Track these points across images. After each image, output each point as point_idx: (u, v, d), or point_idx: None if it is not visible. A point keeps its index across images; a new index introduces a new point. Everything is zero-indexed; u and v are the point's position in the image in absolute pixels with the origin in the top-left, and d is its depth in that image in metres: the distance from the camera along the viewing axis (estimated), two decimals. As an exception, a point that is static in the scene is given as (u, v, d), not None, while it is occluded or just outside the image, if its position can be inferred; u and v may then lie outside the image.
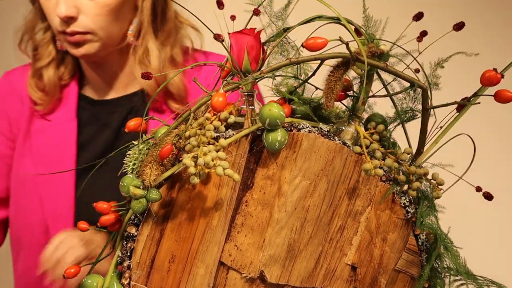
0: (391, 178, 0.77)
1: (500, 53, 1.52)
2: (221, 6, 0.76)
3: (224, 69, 0.77)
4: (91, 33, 1.08)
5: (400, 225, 0.78)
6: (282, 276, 0.76)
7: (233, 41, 0.74)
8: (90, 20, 1.06)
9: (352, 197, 0.76)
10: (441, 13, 1.38)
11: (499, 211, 1.53)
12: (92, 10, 1.06)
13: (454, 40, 0.82)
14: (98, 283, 0.73)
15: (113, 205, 0.73)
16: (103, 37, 1.09)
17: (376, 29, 0.76)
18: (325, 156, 0.74)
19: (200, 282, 0.73)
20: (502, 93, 0.69)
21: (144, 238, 0.71)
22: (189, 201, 0.72)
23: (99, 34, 1.08)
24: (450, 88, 0.82)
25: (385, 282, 0.79)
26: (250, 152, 0.73)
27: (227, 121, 0.72)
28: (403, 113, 0.79)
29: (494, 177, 1.36)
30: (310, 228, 0.75)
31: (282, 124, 0.70)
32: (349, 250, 0.78)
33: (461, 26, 0.73)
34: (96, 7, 1.06)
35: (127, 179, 0.70)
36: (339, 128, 0.79)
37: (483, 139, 0.86)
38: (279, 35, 0.77)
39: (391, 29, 0.77)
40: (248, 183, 0.74)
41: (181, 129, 0.71)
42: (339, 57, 0.70)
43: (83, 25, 1.07)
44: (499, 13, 1.63)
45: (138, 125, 0.74)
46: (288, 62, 0.70)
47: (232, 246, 0.74)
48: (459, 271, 0.76)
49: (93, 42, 1.09)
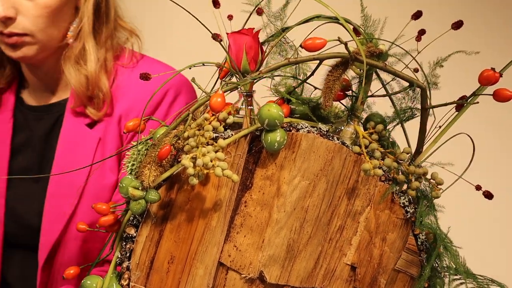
0: (390, 178, 0.77)
1: (499, 52, 1.52)
2: (217, 5, 0.76)
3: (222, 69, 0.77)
4: (29, 35, 1.03)
5: (399, 225, 0.78)
6: (282, 276, 0.76)
7: (232, 41, 0.74)
8: (29, 22, 1.02)
9: (352, 197, 0.76)
10: (440, 12, 1.38)
11: (499, 210, 1.53)
12: (31, 12, 1.01)
13: (453, 39, 0.82)
14: (97, 284, 0.73)
15: (114, 205, 0.73)
16: (42, 39, 1.05)
17: (374, 29, 0.76)
18: (324, 156, 0.74)
19: (200, 283, 0.73)
20: (501, 92, 0.69)
21: (143, 239, 0.71)
22: (188, 202, 0.72)
23: (38, 36, 1.04)
24: (449, 88, 0.82)
25: (385, 282, 0.79)
26: (249, 153, 0.73)
27: (226, 122, 0.72)
28: (402, 112, 0.79)
29: (494, 176, 1.36)
30: (309, 228, 0.75)
31: (281, 124, 0.70)
32: (348, 250, 0.78)
33: (460, 25, 0.73)
34: (36, 9, 1.02)
35: (126, 180, 0.70)
36: (338, 128, 0.78)
37: (482, 138, 0.86)
38: (278, 35, 0.77)
39: (390, 28, 0.76)
40: (247, 184, 0.74)
41: (180, 129, 0.71)
42: (337, 57, 0.70)
43: (22, 27, 1.02)
44: (498, 12, 1.63)
45: (136, 126, 0.74)
46: (287, 62, 0.70)
47: (231, 247, 0.74)
48: (458, 270, 0.75)
49: (31, 44, 1.04)
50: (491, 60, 0.86)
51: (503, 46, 1.60)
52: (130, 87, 1.10)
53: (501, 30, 1.62)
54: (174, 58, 1.39)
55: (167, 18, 1.42)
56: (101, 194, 1.06)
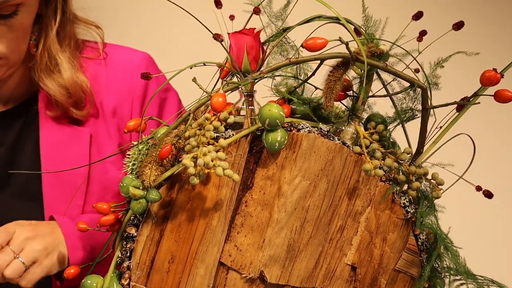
0: (391, 178, 0.77)
1: (500, 53, 1.52)
2: (219, 5, 0.76)
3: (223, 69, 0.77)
4: (2, 59, 0.96)
5: (400, 225, 0.78)
6: (282, 276, 0.76)
7: (233, 41, 0.74)
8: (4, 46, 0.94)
9: (352, 197, 0.76)
10: (441, 12, 1.38)
11: (499, 211, 1.53)
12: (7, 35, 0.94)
13: (454, 39, 0.82)
14: (97, 283, 0.73)
15: (113, 205, 0.73)
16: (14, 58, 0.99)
17: (375, 29, 0.76)
18: (325, 156, 0.74)
19: (200, 283, 0.73)
20: (502, 93, 0.69)
21: (143, 238, 0.71)
22: (188, 202, 0.72)
23: (10, 58, 0.97)
24: (450, 88, 0.82)
25: (385, 282, 0.79)
26: (249, 153, 0.73)
27: (226, 121, 0.72)
28: (403, 113, 0.79)
29: (494, 176, 1.36)
30: (310, 228, 0.75)
31: (281, 124, 0.70)
32: (349, 250, 0.78)
33: (461, 25, 0.73)
34: (12, 31, 0.94)
35: (126, 180, 0.70)
36: (338, 128, 0.79)
37: (483, 139, 0.86)
38: (279, 35, 0.77)
39: (391, 28, 0.77)
40: (248, 184, 0.74)
41: (181, 129, 0.71)
42: (338, 57, 0.70)
43: None
44: (499, 12, 1.63)
45: (137, 125, 0.74)
46: (288, 62, 0.70)
47: (232, 247, 0.74)
48: (459, 270, 0.76)
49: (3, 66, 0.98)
50: (492, 60, 0.86)
51: (504, 47, 1.60)
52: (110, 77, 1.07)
53: (502, 31, 1.62)
54: (175, 58, 1.39)
55: (168, 18, 1.42)
56: (107, 189, 1.04)
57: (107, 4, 1.39)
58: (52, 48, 1.02)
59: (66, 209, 1.00)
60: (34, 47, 1.02)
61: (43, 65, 1.02)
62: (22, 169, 1.04)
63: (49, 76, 1.02)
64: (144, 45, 1.18)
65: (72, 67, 1.03)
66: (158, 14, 1.44)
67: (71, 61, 1.04)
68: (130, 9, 1.43)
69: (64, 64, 1.02)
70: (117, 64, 1.09)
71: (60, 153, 1.03)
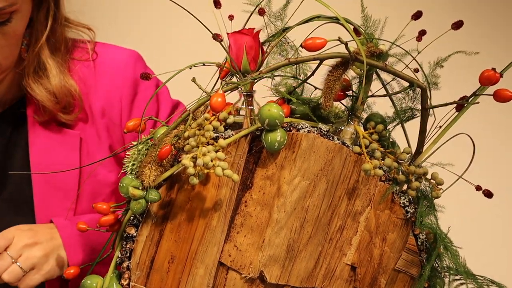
0: (391, 178, 0.77)
1: (499, 52, 1.52)
2: (218, 5, 0.76)
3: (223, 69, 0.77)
4: None
5: (399, 225, 0.78)
6: (282, 276, 0.76)
7: (232, 41, 0.74)
8: None
9: (352, 197, 0.76)
10: (440, 12, 1.38)
11: (499, 210, 1.53)
12: (1, 43, 0.93)
13: (453, 39, 0.82)
14: (97, 283, 0.73)
15: (113, 205, 0.73)
16: (8, 64, 0.98)
17: (375, 29, 0.76)
18: (324, 156, 0.74)
19: (200, 283, 0.73)
20: (501, 92, 0.69)
21: (143, 238, 0.71)
22: (188, 202, 0.72)
23: (3, 64, 0.96)
24: (449, 88, 0.82)
25: (385, 282, 0.79)
26: (249, 153, 0.73)
27: (226, 122, 0.72)
28: (403, 112, 0.79)
29: (494, 176, 1.36)
30: (309, 228, 0.75)
31: (281, 124, 0.70)
32: (348, 250, 0.78)
33: (460, 25, 0.73)
34: (6, 38, 0.93)
35: (126, 180, 0.70)
36: (338, 128, 0.78)
37: (483, 139, 0.86)
38: (278, 35, 0.77)
39: (390, 28, 0.77)
40: (248, 184, 0.74)
41: (180, 129, 0.71)
42: (338, 57, 0.70)
43: None
44: (498, 12, 1.63)
45: (137, 125, 0.74)
46: (287, 62, 0.70)
47: (231, 247, 0.74)
48: (458, 270, 0.76)
49: None
50: (491, 60, 0.86)
51: (504, 46, 1.60)
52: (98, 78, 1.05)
53: (501, 30, 1.62)
54: (175, 58, 1.39)
55: (167, 18, 1.42)
56: (98, 192, 1.04)
57: (107, 4, 1.40)
58: (42, 53, 1.01)
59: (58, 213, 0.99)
60: (25, 52, 1.01)
61: (31, 70, 1.00)
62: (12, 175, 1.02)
63: (37, 81, 1.00)
64: (143, 45, 1.18)
65: (60, 72, 1.01)
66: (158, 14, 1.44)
67: (60, 66, 1.02)
68: (129, 9, 1.43)
69: (53, 70, 1.01)
70: (105, 63, 1.07)
71: (49, 158, 1.02)
